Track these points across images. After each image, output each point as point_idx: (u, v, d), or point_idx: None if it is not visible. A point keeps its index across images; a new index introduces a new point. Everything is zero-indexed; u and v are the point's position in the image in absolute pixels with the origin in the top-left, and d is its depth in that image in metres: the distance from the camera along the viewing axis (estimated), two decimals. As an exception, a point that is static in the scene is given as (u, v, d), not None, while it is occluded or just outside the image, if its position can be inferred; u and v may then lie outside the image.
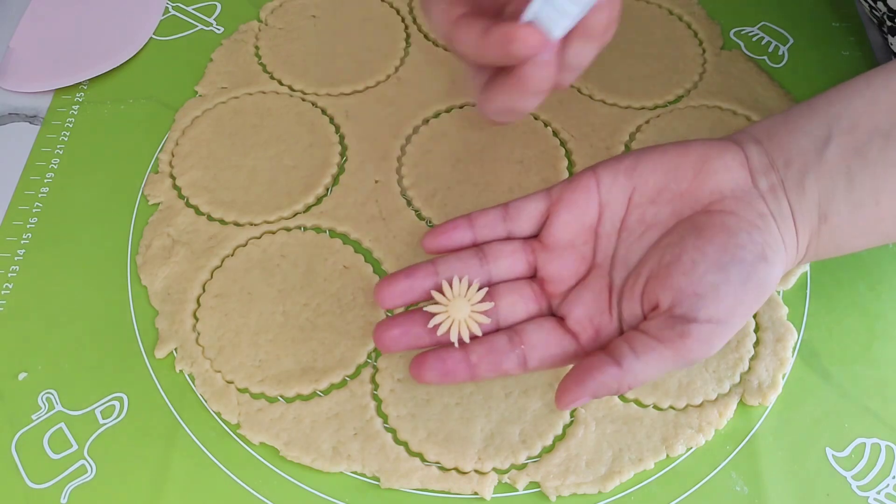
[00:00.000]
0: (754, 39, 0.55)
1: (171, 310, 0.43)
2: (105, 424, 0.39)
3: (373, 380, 0.41)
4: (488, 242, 0.38)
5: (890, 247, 0.46)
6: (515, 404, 0.40)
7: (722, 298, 0.33)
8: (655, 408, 0.40)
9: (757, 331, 0.42)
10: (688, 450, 0.39)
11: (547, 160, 0.48)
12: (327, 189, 0.47)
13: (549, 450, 0.39)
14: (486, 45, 0.30)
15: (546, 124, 0.50)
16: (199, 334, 0.42)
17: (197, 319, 0.43)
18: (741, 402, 0.40)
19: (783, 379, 0.41)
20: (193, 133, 0.50)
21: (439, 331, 0.36)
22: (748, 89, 0.52)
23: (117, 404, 0.40)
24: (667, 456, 0.39)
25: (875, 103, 0.35)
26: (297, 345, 0.42)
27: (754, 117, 0.50)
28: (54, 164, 0.48)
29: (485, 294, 0.36)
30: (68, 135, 0.50)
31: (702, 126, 0.50)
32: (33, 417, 0.40)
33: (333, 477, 0.38)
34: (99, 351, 0.42)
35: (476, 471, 0.38)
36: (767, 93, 0.51)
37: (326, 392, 0.40)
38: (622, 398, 0.40)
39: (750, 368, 0.41)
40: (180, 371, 0.41)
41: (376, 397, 0.40)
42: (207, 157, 0.48)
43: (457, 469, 0.38)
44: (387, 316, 0.42)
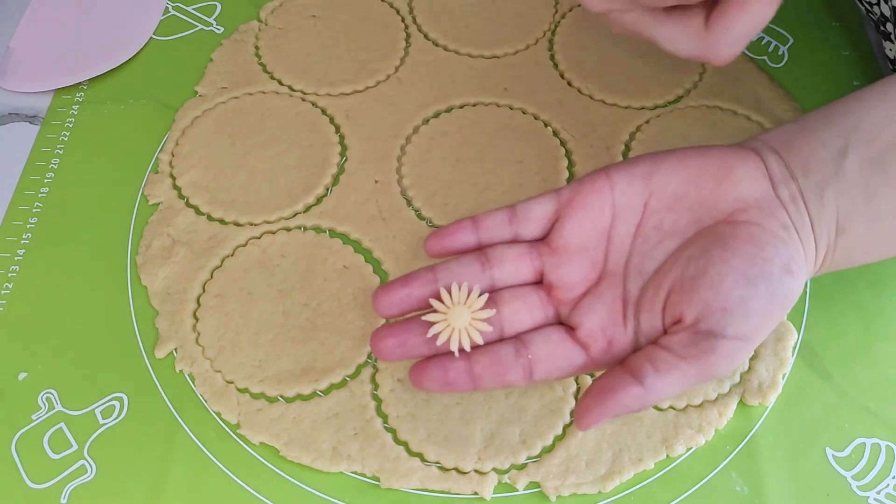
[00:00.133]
0: (754, 39, 0.55)
1: (171, 310, 0.43)
2: (105, 424, 0.39)
3: (373, 380, 0.41)
4: (492, 245, 0.36)
5: (890, 247, 0.46)
6: (515, 404, 0.40)
7: (750, 314, 0.32)
8: (655, 408, 0.40)
9: (757, 331, 0.42)
10: (688, 450, 0.39)
11: (547, 160, 0.48)
12: (327, 189, 0.47)
13: (549, 450, 0.39)
14: None
15: (546, 124, 0.50)
16: (199, 334, 0.42)
17: (197, 319, 0.43)
18: (741, 402, 0.40)
19: (783, 379, 0.41)
20: (193, 133, 0.50)
21: (439, 340, 0.34)
22: (748, 89, 0.52)
23: (117, 404, 0.40)
24: (667, 456, 0.39)
25: (892, 117, 0.35)
26: (297, 345, 0.42)
27: (754, 117, 0.50)
28: (54, 164, 0.48)
29: (486, 300, 0.35)
30: (68, 135, 0.50)
31: (702, 126, 0.50)
32: (33, 417, 0.40)
33: (333, 477, 0.38)
34: (99, 351, 0.42)
35: (476, 471, 0.38)
36: (767, 93, 0.51)
37: (326, 392, 0.40)
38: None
39: (750, 368, 0.41)
40: (180, 371, 0.41)
41: (376, 397, 0.40)
42: (207, 157, 0.48)
43: (457, 469, 0.38)
44: (385, 323, 0.41)
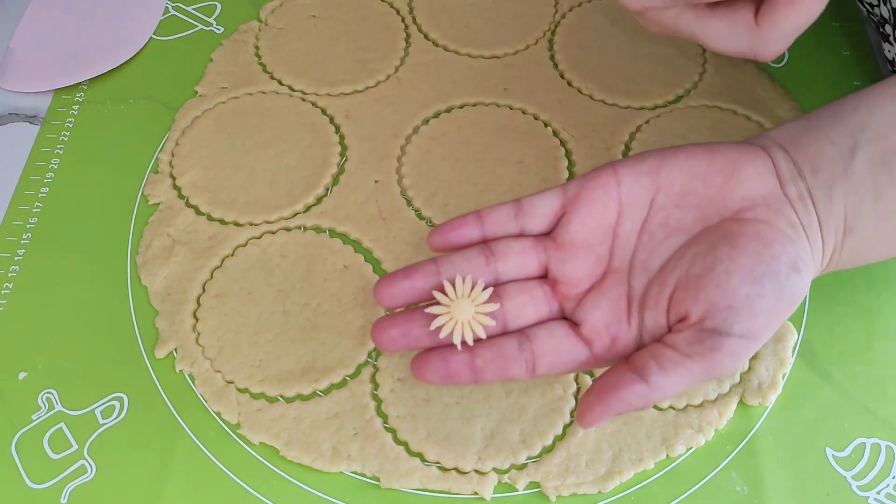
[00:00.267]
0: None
1: (171, 310, 0.43)
2: (105, 424, 0.39)
3: (373, 379, 0.41)
4: (497, 239, 0.36)
5: (890, 247, 0.45)
6: (515, 404, 0.40)
7: (757, 312, 0.32)
8: (655, 408, 0.40)
9: (757, 331, 0.42)
10: (688, 450, 0.39)
11: (547, 160, 0.48)
12: (327, 189, 0.47)
13: (549, 450, 0.39)
14: None
15: (546, 124, 0.50)
16: (199, 334, 0.42)
17: (197, 319, 0.43)
18: (741, 402, 0.40)
19: (783, 379, 0.41)
20: (193, 133, 0.50)
21: (441, 333, 0.34)
22: (748, 89, 0.52)
23: (117, 404, 0.40)
24: (667, 456, 0.39)
25: None
26: (297, 345, 0.42)
27: (754, 117, 0.50)
28: (54, 164, 0.48)
29: (490, 294, 0.34)
30: (68, 135, 0.50)
31: (702, 126, 0.50)
32: (33, 417, 0.40)
33: (333, 477, 0.38)
34: (99, 351, 0.42)
35: (476, 471, 0.38)
36: (767, 93, 0.51)
37: (326, 392, 0.40)
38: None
39: (750, 368, 0.41)
40: (180, 371, 0.41)
41: (376, 397, 0.40)
42: (207, 157, 0.48)
43: (457, 469, 0.38)
44: (386, 313, 0.41)
